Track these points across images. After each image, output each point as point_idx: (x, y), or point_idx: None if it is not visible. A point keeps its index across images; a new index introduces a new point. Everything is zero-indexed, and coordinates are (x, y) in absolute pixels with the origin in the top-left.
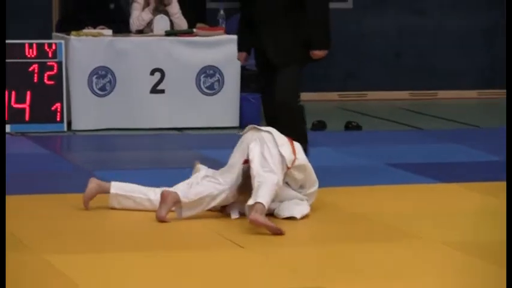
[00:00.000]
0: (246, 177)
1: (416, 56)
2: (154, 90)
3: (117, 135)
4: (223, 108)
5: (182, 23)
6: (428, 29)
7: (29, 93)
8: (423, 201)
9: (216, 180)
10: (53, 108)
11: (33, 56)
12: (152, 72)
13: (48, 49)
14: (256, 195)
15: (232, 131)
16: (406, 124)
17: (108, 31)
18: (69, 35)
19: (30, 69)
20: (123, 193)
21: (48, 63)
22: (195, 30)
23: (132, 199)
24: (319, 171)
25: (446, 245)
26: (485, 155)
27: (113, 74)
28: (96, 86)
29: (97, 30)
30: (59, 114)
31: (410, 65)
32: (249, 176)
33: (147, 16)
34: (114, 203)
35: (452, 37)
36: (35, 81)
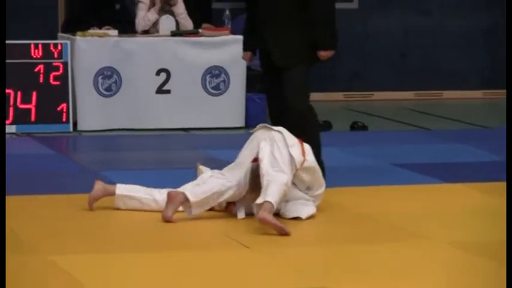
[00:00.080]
0: (254, 176)
1: (422, 56)
2: (160, 90)
3: (122, 135)
4: (229, 109)
5: (188, 24)
6: (434, 29)
7: (34, 93)
8: (429, 201)
9: (224, 177)
10: (58, 108)
11: (39, 56)
12: (158, 73)
13: (54, 49)
14: (265, 194)
15: (238, 131)
16: (411, 124)
17: (114, 31)
18: (74, 35)
19: (36, 70)
20: (128, 194)
21: (54, 64)
22: (200, 30)
23: (138, 200)
24: (326, 171)
25: (452, 245)
26: (491, 155)
27: (118, 74)
28: (101, 86)
29: (103, 31)
30: (64, 114)
31: (416, 65)
32: (257, 175)
33: (152, 16)
34: (119, 203)
35: (458, 37)
36: (41, 81)
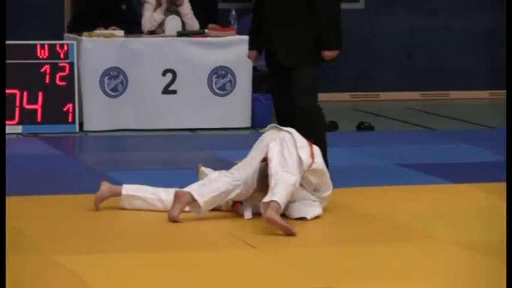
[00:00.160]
0: (262, 176)
1: (428, 56)
2: (166, 90)
3: (129, 135)
4: (235, 109)
5: (194, 24)
6: (440, 29)
7: (40, 94)
8: (435, 201)
9: (231, 175)
10: (64, 109)
11: (45, 56)
12: (164, 73)
13: (60, 50)
14: (272, 193)
15: (244, 132)
16: (418, 125)
17: (120, 32)
18: (81, 35)
19: (42, 70)
20: (134, 194)
21: (60, 64)
22: (206, 30)
23: (143, 199)
24: (332, 171)
25: (458, 245)
26: (498, 155)
27: (124, 74)
28: (108, 86)
29: (109, 31)
30: (70, 115)
31: (422, 65)
32: (266, 175)
33: (158, 17)
34: (125, 203)
35: (464, 38)
36: (47, 82)
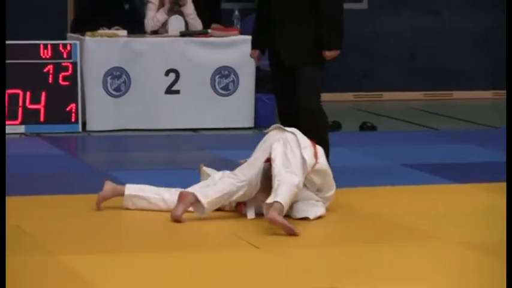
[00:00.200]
0: (266, 176)
1: (431, 56)
2: (169, 90)
3: (132, 135)
4: (238, 109)
5: (197, 24)
6: (443, 29)
7: (43, 94)
8: (439, 201)
9: (235, 176)
10: (67, 108)
11: (48, 56)
12: (167, 73)
13: (63, 50)
14: (275, 194)
15: (247, 132)
16: (421, 125)
17: (123, 32)
18: (84, 35)
19: (45, 70)
20: (137, 194)
21: (63, 64)
22: (210, 30)
23: (146, 199)
24: (335, 171)
25: (462, 245)
26: (501, 155)
27: (127, 74)
28: (111, 86)
29: (112, 31)
30: (73, 114)
31: (425, 65)
32: (269, 176)
33: (161, 17)
34: (128, 203)
35: (467, 38)
36: (50, 82)
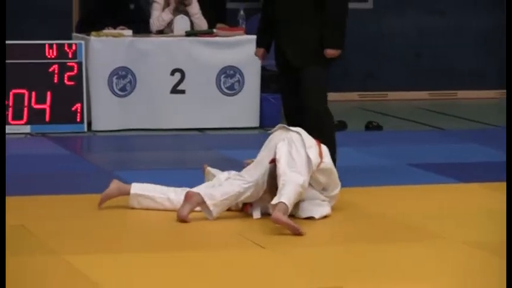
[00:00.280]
0: (272, 177)
1: (437, 56)
2: (174, 90)
3: (137, 135)
4: (244, 109)
5: (202, 24)
6: (448, 29)
7: (49, 93)
8: (444, 201)
9: (241, 178)
10: (73, 108)
11: (53, 56)
12: (172, 73)
13: (68, 50)
14: (280, 194)
15: (253, 131)
16: (426, 124)
17: (128, 31)
18: (89, 35)
19: (50, 70)
20: (142, 193)
21: (68, 64)
22: (215, 30)
23: (152, 199)
24: (340, 171)
25: (468, 244)
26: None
27: (133, 74)
28: (116, 86)
29: (117, 31)
30: (79, 114)
31: (431, 65)
32: (275, 176)
33: (167, 16)
34: (134, 203)
35: (472, 37)
36: (55, 81)
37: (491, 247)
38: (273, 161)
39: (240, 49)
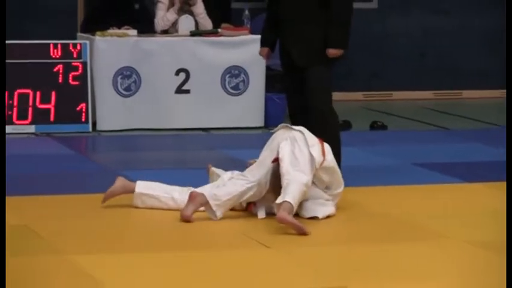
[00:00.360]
0: (275, 176)
1: (441, 55)
2: (179, 90)
3: (142, 135)
4: (248, 108)
5: (207, 23)
6: (453, 29)
7: (53, 93)
8: (449, 200)
9: (244, 177)
10: (77, 108)
11: (58, 56)
12: (177, 73)
13: (73, 49)
14: (284, 193)
15: (258, 131)
16: (431, 124)
17: (133, 31)
18: (94, 35)
19: (55, 70)
20: (147, 192)
21: (73, 64)
22: (220, 30)
23: (156, 198)
24: (345, 170)
25: (472, 244)
26: None
27: (137, 74)
28: (121, 86)
29: (122, 31)
30: (83, 114)
31: (435, 64)
32: (278, 175)
33: (172, 16)
34: (138, 202)
35: (477, 37)
36: (60, 81)
37: (496, 247)
38: (276, 160)
39: (245, 49)
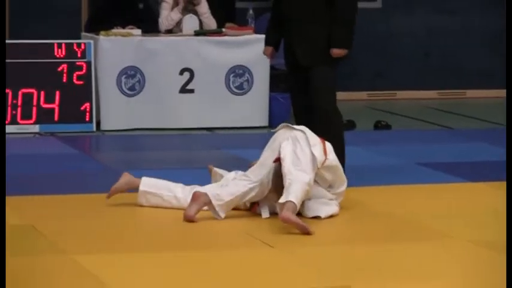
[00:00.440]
0: (277, 176)
1: (445, 55)
2: (183, 90)
3: (146, 135)
4: (253, 108)
5: (211, 23)
6: (457, 28)
7: (58, 93)
8: (453, 200)
9: (247, 178)
10: (82, 108)
11: (62, 56)
12: (181, 72)
13: (77, 49)
14: (287, 193)
15: (262, 131)
16: (435, 123)
17: (137, 31)
18: (98, 35)
19: (59, 69)
20: (151, 190)
21: (77, 63)
22: (224, 29)
23: (159, 196)
24: (349, 170)
25: (476, 244)
26: None
27: (142, 73)
28: (125, 85)
29: (126, 30)
30: (88, 114)
31: (439, 64)
32: (280, 175)
33: (176, 16)
34: (142, 200)
35: (481, 36)
36: (64, 81)
37: (499, 246)
38: (278, 160)
39: (249, 48)
